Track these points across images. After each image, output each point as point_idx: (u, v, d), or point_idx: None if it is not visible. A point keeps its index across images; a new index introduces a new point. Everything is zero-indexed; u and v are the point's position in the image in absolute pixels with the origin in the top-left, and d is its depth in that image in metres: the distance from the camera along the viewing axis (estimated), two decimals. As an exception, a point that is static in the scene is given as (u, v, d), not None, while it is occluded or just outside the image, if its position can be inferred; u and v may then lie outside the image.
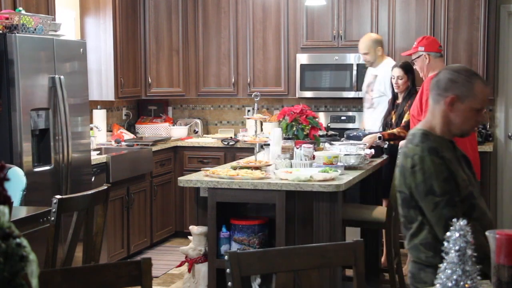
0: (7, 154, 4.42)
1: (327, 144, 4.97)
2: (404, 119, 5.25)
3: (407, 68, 5.37)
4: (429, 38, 4.96)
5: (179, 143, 6.80)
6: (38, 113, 4.62)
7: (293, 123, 4.73)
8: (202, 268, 4.24)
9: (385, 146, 5.26)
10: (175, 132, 7.02)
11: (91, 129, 5.84)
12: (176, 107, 7.47)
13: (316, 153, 4.45)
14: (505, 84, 6.54)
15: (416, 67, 4.92)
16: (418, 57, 4.83)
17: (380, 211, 4.77)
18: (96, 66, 6.35)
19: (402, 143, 4.81)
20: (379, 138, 5.16)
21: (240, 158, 5.39)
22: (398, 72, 5.40)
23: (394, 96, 5.51)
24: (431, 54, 4.79)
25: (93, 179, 5.30)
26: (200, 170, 4.56)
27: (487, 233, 1.69)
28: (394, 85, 5.44)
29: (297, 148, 4.49)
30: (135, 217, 6.08)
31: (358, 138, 5.28)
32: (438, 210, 2.52)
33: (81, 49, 5.12)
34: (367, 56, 5.79)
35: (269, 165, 4.44)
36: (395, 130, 5.23)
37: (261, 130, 6.51)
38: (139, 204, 6.17)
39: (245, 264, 2.09)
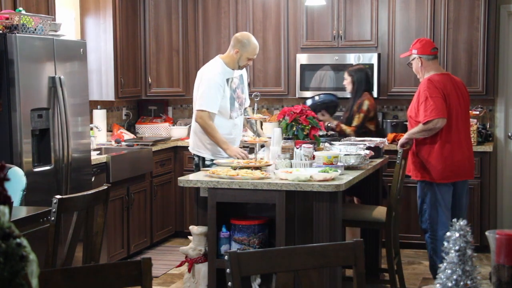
0: (7, 154, 4.42)
1: (327, 144, 4.97)
2: (354, 123, 5.60)
3: (350, 71, 5.80)
4: (422, 40, 4.96)
5: (179, 143, 6.79)
6: (38, 113, 4.62)
7: (293, 123, 4.73)
8: (202, 268, 4.25)
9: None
10: (175, 132, 7.01)
11: (91, 129, 5.84)
12: (176, 107, 7.46)
13: (316, 153, 4.45)
14: (505, 84, 6.54)
15: (413, 69, 4.97)
16: (413, 59, 4.91)
17: (380, 211, 4.76)
18: (96, 66, 6.35)
19: (402, 143, 4.82)
20: (329, 124, 5.74)
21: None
22: (345, 75, 5.87)
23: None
24: (423, 57, 4.85)
25: (93, 179, 5.30)
26: (200, 170, 4.56)
27: (487, 233, 1.69)
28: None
29: (297, 148, 4.48)
30: (135, 217, 6.08)
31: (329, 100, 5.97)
32: None
33: (81, 49, 5.12)
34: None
35: (269, 165, 4.44)
36: (348, 130, 5.61)
37: (261, 130, 6.50)
38: (139, 204, 6.17)
39: (245, 264, 2.09)
